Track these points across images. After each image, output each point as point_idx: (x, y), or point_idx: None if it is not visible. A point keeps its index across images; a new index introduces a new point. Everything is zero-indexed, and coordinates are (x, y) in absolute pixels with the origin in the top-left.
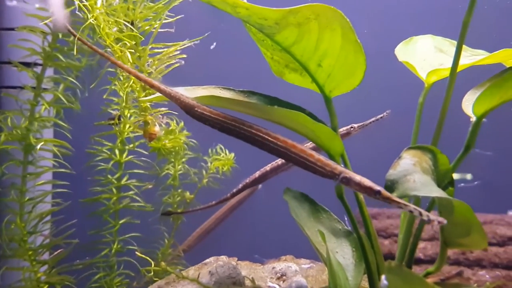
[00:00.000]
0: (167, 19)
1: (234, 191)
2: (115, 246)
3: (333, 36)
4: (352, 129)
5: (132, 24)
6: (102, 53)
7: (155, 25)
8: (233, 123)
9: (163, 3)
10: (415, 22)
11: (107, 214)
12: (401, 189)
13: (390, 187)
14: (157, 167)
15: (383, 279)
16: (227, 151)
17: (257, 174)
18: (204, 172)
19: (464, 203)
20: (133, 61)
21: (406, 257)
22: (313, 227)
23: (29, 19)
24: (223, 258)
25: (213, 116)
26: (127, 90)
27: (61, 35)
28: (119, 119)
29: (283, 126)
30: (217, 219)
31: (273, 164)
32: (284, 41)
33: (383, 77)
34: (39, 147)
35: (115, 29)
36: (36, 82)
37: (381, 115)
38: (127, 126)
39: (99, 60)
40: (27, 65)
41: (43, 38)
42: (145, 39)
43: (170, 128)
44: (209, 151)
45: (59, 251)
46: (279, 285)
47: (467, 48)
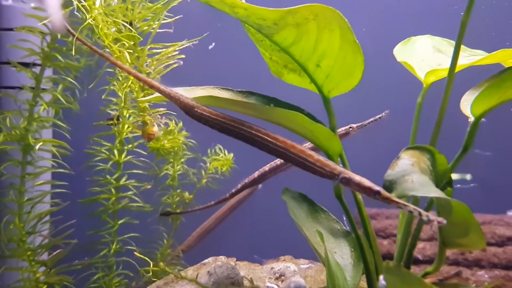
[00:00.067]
0: (165, 20)
1: (233, 191)
2: (114, 246)
3: (332, 36)
4: (351, 129)
5: (130, 24)
6: (101, 53)
7: (154, 26)
8: (233, 123)
9: (162, 3)
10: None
11: (106, 214)
12: (400, 189)
13: (388, 187)
14: (156, 167)
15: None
16: (226, 152)
17: (256, 174)
18: (203, 172)
19: (462, 203)
20: (131, 62)
21: (404, 257)
22: (311, 227)
23: (28, 20)
24: (222, 258)
25: (212, 116)
26: (126, 90)
27: (59, 36)
28: (118, 120)
29: (281, 126)
30: (217, 219)
31: (272, 164)
32: (282, 42)
33: (381, 77)
34: (37, 147)
35: (114, 29)
36: (35, 82)
37: (380, 115)
38: (126, 126)
39: (97, 60)
40: (26, 65)
41: (41, 38)
42: (144, 39)
43: (169, 128)
44: (208, 151)
45: (58, 251)
46: (278, 285)
47: (466, 48)
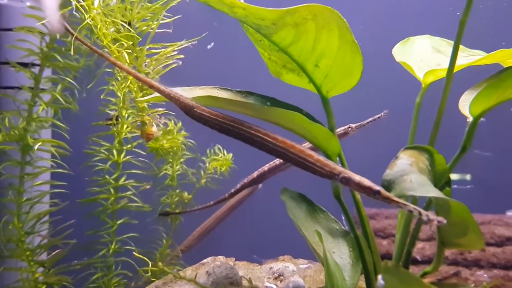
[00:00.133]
0: (164, 20)
1: (232, 191)
2: (113, 246)
3: (330, 36)
4: (349, 129)
5: (129, 24)
6: (101, 53)
7: (153, 26)
8: (232, 123)
9: (161, 3)
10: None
11: (105, 214)
12: (398, 189)
13: (386, 187)
14: (155, 167)
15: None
16: (225, 152)
17: (255, 174)
18: (202, 172)
19: (460, 203)
20: (130, 62)
21: (403, 257)
22: (310, 227)
23: (27, 20)
24: (221, 258)
25: (212, 116)
26: (125, 90)
27: (58, 36)
28: (117, 120)
29: (280, 126)
30: (217, 218)
31: (271, 164)
32: (281, 42)
33: (380, 77)
34: (36, 147)
35: (112, 29)
36: (33, 82)
37: (379, 115)
38: (125, 126)
39: (96, 60)
40: (25, 65)
41: (40, 38)
42: (143, 39)
43: (168, 128)
44: (207, 151)
45: (57, 251)
46: (277, 285)
47: (464, 48)
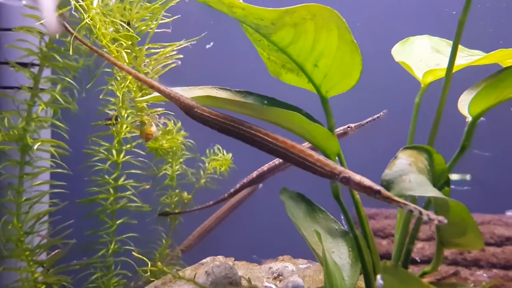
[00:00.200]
0: (163, 19)
1: (231, 191)
2: (112, 246)
3: (330, 36)
4: (349, 129)
5: (128, 24)
6: (102, 53)
7: (152, 25)
8: (233, 123)
9: (160, 3)
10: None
11: (104, 214)
12: (397, 189)
13: (385, 187)
14: (154, 167)
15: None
16: (224, 152)
17: (254, 174)
18: (201, 172)
19: (459, 203)
20: (129, 61)
21: (402, 257)
22: (309, 227)
23: (26, 20)
24: (220, 258)
25: (212, 116)
26: (124, 90)
27: (58, 36)
28: (116, 120)
29: (279, 126)
30: (217, 218)
31: (271, 164)
32: (280, 42)
33: (379, 77)
34: (36, 147)
35: (112, 29)
36: (33, 82)
37: (378, 115)
38: (124, 126)
39: (96, 60)
40: (24, 65)
41: (40, 38)
42: (142, 39)
43: (167, 128)
44: (207, 151)
45: (56, 251)
46: (276, 285)
47: (464, 48)
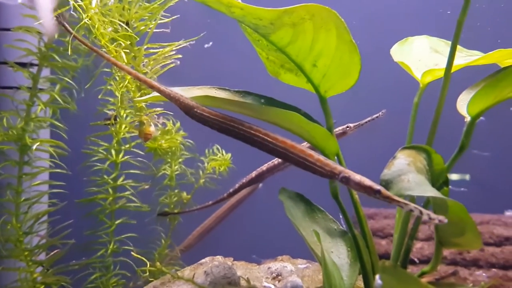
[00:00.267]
0: (162, 19)
1: (230, 191)
2: (111, 246)
3: (328, 36)
4: (348, 128)
5: (127, 24)
6: (102, 53)
7: (151, 25)
8: (233, 123)
9: (159, 3)
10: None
11: (103, 214)
12: (396, 188)
13: (384, 187)
14: (153, 167)
15: (377, 279)
16: (223, 152)
17: (253, 174)
18: (201, 172)
19: (458, 202)
20: (128, 61)
21: (401, 257)
22: (308, 227)
23: (25, 20)
24: (219, 258)
25: (212, 116)
26: (123, 90)
27: (56, 35)
28: (115, 119)
29: (278, 126)
30: (217, 218)
31: (270, 164)
32: (279, 41)
33: (378, 77)
34: (35, 147)
35: (110, 29)
36: (32, 82)
37: (377, 115)
38: (123, 126)
39: (95, 60)
40: (23, 65)
41: (39, 38)
42: (141, 39)
43: (166, 128)
44: (206, 151)
45: (56, 251)
46: (275, 285)
47: (462, 49)
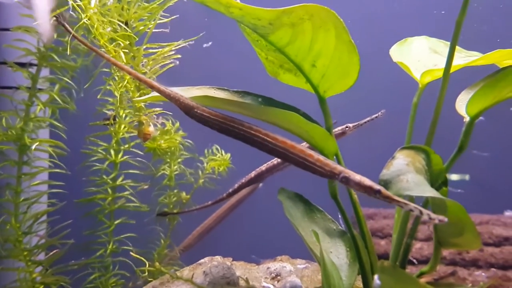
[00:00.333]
0: (161, 19)
1: (230, 191)
2: (111, 246)
3: (327, 36)
4: (347, 128)
5: (126, 24)
6: (101, 53)
7: (150, 25)
8: (232, 124)
9: (158, 3)
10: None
11: (103, 214)
12: (395, 189)
13: (383, 187)
14: (152, 167)
15: (376, 279)
16: (223, 152)
17: (253, 174)
18: (200, 172)
19: (457, 202)
20: (127, 61)
21: (400, 257)
22: (307, 227)
23: (24, 19)
24: (218, 258)
25: (212, 117)
26: (122, 90)
27: (56, 35)
28: (114, 119)
29: (277, 126)
30: (217, 218)
31: (269, 164)
32: (278, 42)
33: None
34: (34, 147)
35: (109, 29)
36: (31, 82)
37: (376, 115)
38: (122, 126)
39: (94, 60)
40: (22, 65)
41: (38, 38)
42: (140, 39)
43: (165, 128)
44: (205, 151)
45: (55, 251)
46: (274, 285)
47: (461, 49)
